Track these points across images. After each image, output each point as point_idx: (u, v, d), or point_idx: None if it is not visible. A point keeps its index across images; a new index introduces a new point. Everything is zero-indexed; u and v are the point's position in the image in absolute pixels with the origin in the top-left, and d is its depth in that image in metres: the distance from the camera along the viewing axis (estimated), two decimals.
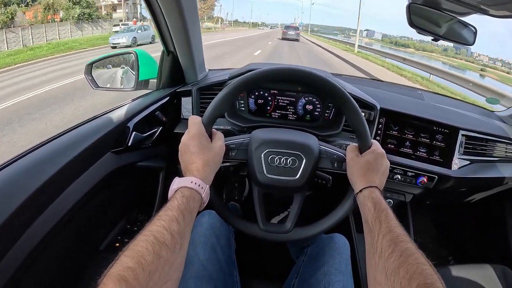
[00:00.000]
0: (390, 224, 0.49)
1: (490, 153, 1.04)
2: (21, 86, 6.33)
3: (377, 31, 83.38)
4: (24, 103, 4.99)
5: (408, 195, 1.05)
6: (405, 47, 32.54)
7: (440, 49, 33.43)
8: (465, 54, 38.52)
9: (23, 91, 5.74)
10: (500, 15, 0.85)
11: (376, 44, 27.35)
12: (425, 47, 36.44)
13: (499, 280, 0.95)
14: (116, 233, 0.98)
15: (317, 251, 0.80)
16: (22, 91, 5.80)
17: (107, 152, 0.83)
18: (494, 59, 34.25)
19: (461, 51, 37.11)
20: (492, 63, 29.72)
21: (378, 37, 72.69)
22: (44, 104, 4.78)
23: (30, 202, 0.58)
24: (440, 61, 21.40)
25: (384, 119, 0.98)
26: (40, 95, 5.44)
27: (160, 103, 0.99)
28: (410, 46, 31.93)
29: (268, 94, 1.01)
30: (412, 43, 40.72)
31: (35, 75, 7.79)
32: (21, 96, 5.39)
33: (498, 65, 27.81)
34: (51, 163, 0.65)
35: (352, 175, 0.62)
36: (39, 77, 7.38)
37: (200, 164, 0.55)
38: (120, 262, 0.37)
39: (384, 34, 79.51)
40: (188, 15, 0.86)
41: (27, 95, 5.47)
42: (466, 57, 37.57)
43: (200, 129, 0.59)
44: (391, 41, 39.50)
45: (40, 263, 0.66)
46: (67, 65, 8.90)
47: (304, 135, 0.73)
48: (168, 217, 0.44)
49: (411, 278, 0.39)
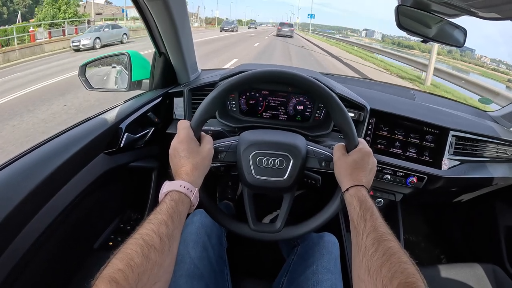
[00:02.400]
0: (375, 223, 0.50)
1: (481, 153, 1.04)
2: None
3: (377, 31, 79.87)
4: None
5: (398, 194, 1.06)
6: (410, 48, 29.89)
7: (445, 51, 31.94)
8: (470, 56, 37.06)
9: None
10: (489, 17, 0.86)
11: (376, 44, 25.64)
12: (431, 49, 34.00)
13: (489, 279, 0.96)
14: (109, 232, 0.99)
15: (307, 249, 0.81)
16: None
17: (100, 153, 0.85)
18: (497, 61, 33.17)
19: (466, 53, 35.74)
20: (496, 65, 28.54)
21: (378, 37, 70.22)
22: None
23: (25, 203, 0.59)
24: (452, 65, 19.47)
25: (374, 120, 0.98)
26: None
27: (152, 104, 1.00)
28: (414, 48, 29.71)
29: (259, 95, 1.02)
30: (417, 45, 38.37)
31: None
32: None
33: (502, 67, 26.79)
34: (45, 165, 0.67)
35: (339, 174, 0.63)
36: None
37: (189, 167, 0.57)
38: (111, 265, 0.39)
39: (384, 34, 76.46)
40: (177, 17, 0.86)
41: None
42: (474, 60, 36.09)
43: (189, 133, 0.60)
44: (393, 42, 37.09)
45: (36, 263, 0.67)
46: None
47: (291, 136, 0.73)
48: (158, 221, 0.46)
49: (392, 277, 0.41)
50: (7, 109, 4.58)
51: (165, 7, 0.81)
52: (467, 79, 7.24)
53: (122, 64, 1.11)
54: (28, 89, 5.71)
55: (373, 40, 53.89)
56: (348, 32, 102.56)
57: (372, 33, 79.29)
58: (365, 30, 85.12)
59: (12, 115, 4.31)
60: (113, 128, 0.87)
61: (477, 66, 26.01)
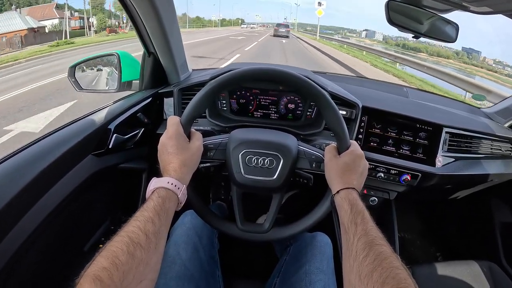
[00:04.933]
0: (366, 227, 0.50)
1: (475, 150, 1.04)
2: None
3: (378, 31, 77.14)
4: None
5: (392, 192, 1.05)
6: (416, 51, 27.13)
7: (453, 54, 30.45)
8: (476, 58, 35.73)
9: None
10: (481, 11, 0.85)
11: (377, 46, 23.12)
12: (439, 51, 29.43)
13: (485, 276, 0.96)
14: (99, 234, 0.98)
15: (300, 249, 0.80)
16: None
17: (88, 155, 0.84)
18: (499, 62, 32.14)
19: (473, 55, 34.67)
20: (501, 67, 27.32)
21: (379, 37, 68.27)
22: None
23: (11, 205, 0.58)
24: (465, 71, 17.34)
25: (367, 117, 0.97)
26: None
27: (142, 104, 0.99)
28: (422, 50, 27.61)
29: (250, 94, 1.01)
30: (425, 47, 34.62)
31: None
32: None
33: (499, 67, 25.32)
34: (32, 167, 0.66)
35: (329, 176, 0.62)
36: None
37: (177, 164, 0.56)
38: (96, 263, 0.38)
39: (385, 35, 72.90)
40: (165, 16, 0.86)
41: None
42: (484, 63, 34.61)
43: (178, 129, 0.60)
44: (397, 44, 34.84)
45: (24, 265, 0.66)
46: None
47: (282, 135, 0.73)
48: (144, 218, 0.46)
49: (384, 282, 0.40)
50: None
51: (152, 6, 0.80)
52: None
53: (112, 64, 1.10)
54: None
55: (374, 41, 52.02)
56: (346, 33, 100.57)
57: (373, 33, 76.77)
58: (366, 30, 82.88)
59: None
60: (101, 129, 0.86)
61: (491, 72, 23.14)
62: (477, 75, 14.19)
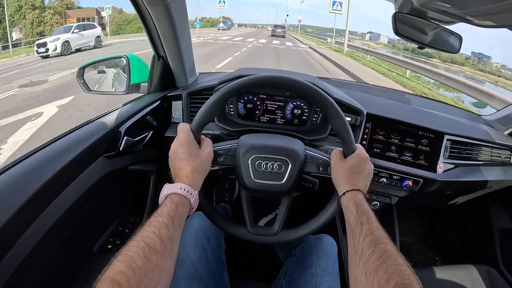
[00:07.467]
0: (371, 226, 0.52)
1: (475, 157, 1.06)
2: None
3: (382, 34, 73.44)
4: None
5: (394, 197, 1.07)
6: (427, 56, 24.26)
7: (464, 59, 28.63)
8: (488, 64, 34.18)
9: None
10: (484, 25, 0.87)
11: (383, 50, 20.41)
12: (454, 57, 25.99)
13: (484, 280, 0.97)
14: (108, 235, 0.99)
15: (305, 251, 0.82)
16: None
17: (100, 157, 0.85)
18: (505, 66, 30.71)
19: (484, 61, 33.26)
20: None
21: (383, 40, 65.73)
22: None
23: (26, 206, 0.60)
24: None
25: (371, 124, 1.00)
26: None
27: (151, 107, 1.00)
28: (434, 56, 25.34)
29: (257, 99, 1.02)
30: (437, 52, 31.46)
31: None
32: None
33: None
34: (46, 168, 0.67)
35: (336, 179, 0.64)
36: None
37: (189, 170, 0.57)
38: (113, 267, 0.40)
39: (390, 38, 68.03)
40: (178, 21, 0.87)
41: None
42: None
43: (189, 136, 0.61)
44: (405, 48, 32.96)
45: (37, 265, 0.67)
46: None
47: (290, 140, 0.74)
48: (158, 223, 0.47)
49: (389, 279, 0.42)
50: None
51: (167, 12, 0.82)
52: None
53: (120, 67, 1.11)
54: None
55: (380, 44, 50.56)
56: (349, 36, 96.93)
57: (378, 36, 73.84)
58: (370, 33, 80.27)
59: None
60: (112, 132, 0.87)
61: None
62: (499, 86, 13.09)
